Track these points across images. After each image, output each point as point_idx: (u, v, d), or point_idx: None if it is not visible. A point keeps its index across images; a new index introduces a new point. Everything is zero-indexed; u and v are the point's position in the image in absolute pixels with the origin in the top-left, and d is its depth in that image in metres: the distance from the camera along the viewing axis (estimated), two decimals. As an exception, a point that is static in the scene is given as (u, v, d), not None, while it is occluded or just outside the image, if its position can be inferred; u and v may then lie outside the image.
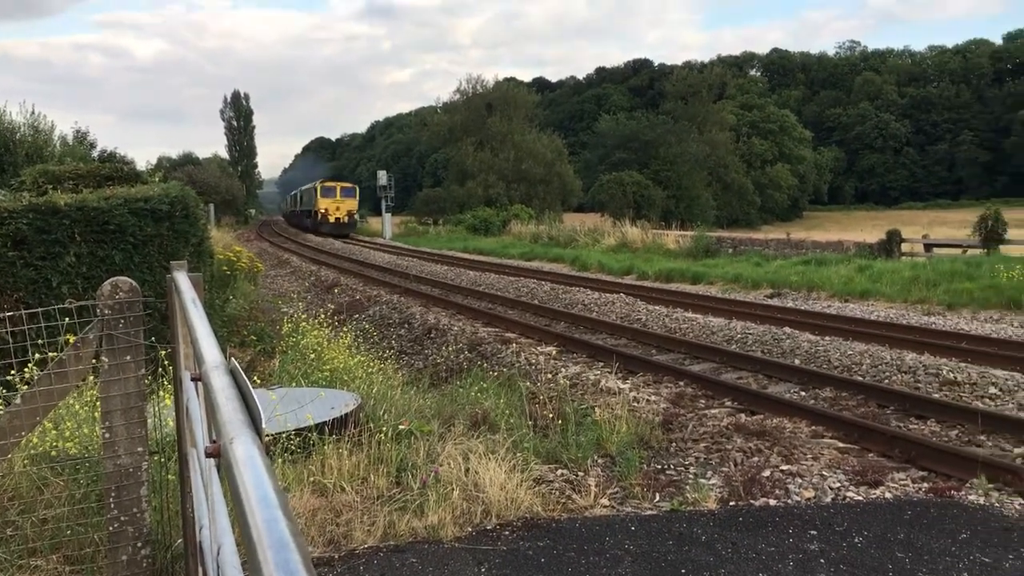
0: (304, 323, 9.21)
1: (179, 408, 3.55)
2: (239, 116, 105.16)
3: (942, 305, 16.17)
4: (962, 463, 6.20)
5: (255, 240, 48.98)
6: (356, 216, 56.65)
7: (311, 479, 5.04)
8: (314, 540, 4.41)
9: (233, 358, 1.67)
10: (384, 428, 5.74)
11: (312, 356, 8.14)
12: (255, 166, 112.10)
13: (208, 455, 1.52)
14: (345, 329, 10.11)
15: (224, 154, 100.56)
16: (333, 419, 5.75)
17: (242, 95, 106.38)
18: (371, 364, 8.25)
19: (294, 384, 7.30)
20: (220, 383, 1.45)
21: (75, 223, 8.21)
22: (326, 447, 5.36)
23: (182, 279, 3.28)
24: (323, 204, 53.92)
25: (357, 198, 56.26)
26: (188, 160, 67.39)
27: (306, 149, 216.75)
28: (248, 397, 1.40)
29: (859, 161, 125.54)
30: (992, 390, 8.63)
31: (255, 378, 7.15)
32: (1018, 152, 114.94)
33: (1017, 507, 5.33)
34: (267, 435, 5.07)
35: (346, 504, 4.81)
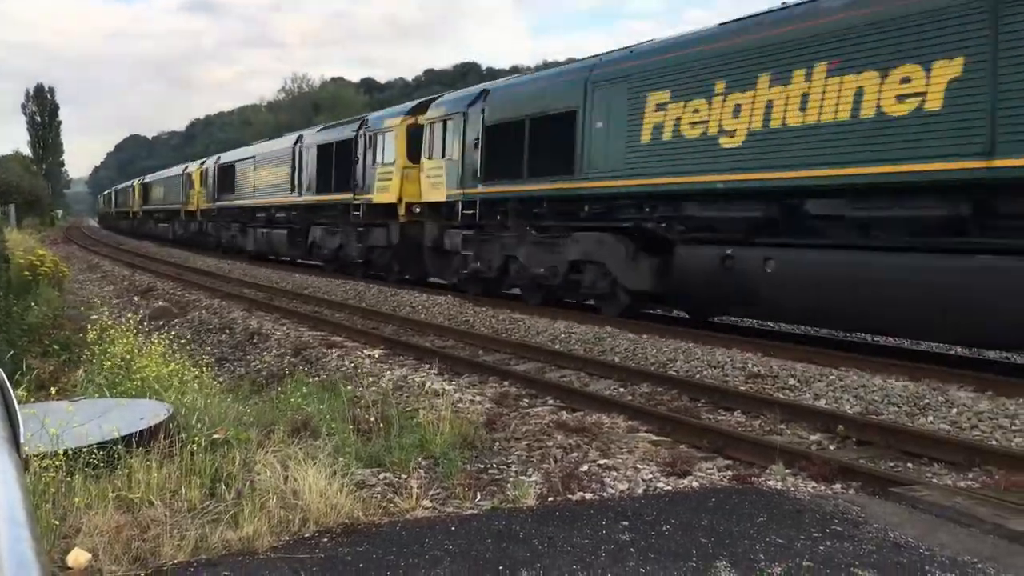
0: (112, 330, 8.71)
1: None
2: (43, 111, 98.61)
3: (749, 303, 17.18)
4: (762, 451, 6.61)
5: (62, 243, 46.00)
6: None
7: (116, 494, 4.77)
8: (118, 558, 4.18)
9: (1, 371, 1.56)
10: (198, 438, 5.51)
11: (114, 364, 7.68)
12: (62, 164, 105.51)
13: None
14: (159, 336, 9.65)
15: (27, 151, 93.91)
16: (141, 431, 5.47)
17: (46, 88, 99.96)
18: (187, 372, 7.89)
19: (97, 396, 6.89)
20: (-20, 397, 1.36)
21: None
22: (133, 460, 5.09)
23: (-40, 285, 3.04)
24: None
25: None
26: (-15, 157, 62.30)
27: (119, 147, 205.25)
28: (12, 410, 1.32)
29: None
30: (791, 381, 9.25)
31: (53, 390, 6.69)
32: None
33: (810, 490, 5.74)
34: (67, 449, 4.79)
35: (154, 519, 4.59)
